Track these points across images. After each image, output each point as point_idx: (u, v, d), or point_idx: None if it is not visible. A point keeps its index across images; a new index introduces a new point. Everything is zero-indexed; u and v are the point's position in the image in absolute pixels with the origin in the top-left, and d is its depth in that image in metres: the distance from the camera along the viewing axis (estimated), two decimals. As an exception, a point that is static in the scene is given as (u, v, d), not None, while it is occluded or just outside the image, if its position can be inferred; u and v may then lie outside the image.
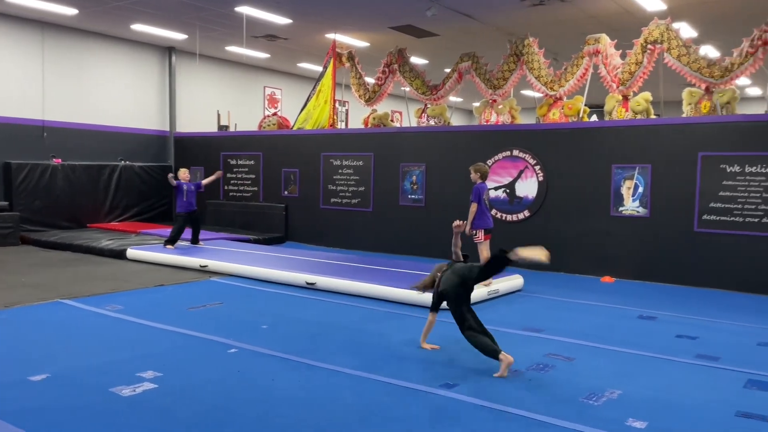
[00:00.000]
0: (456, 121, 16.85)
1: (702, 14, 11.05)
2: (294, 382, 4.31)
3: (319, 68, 13.82)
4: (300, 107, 13.65)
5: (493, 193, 10.10)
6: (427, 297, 6.80)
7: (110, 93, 13.94)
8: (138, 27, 12.89)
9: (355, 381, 4.37)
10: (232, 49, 14.80)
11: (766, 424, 3.74)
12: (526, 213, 9.82)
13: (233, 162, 13.56)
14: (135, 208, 13.89)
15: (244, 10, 11.32)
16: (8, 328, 5.63)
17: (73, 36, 13.15)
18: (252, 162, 13.25)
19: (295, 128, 13.11)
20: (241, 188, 13.44)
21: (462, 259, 5.28)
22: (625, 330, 6.06)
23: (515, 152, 9.92)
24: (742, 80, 12.31)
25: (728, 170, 8.20)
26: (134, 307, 6.54)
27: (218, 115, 14.78)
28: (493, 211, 10.08)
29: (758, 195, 8.00)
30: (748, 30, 8.70)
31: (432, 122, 11.71)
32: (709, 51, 13.23)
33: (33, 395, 3.97)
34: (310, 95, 13.17)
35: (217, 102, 15.87)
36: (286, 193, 12.75)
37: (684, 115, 9.28)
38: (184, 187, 10.10)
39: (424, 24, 12.09)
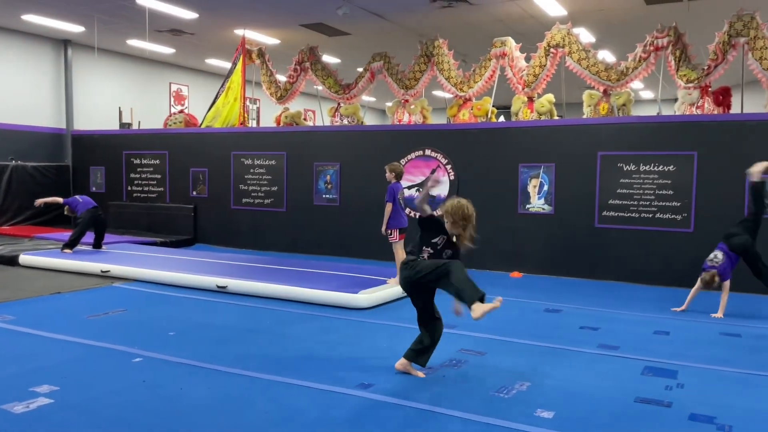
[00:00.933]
0: (369, 120, 16.91)
1: (599, 21, 11.65)
2: (204, 390, 4.15)
3: (228, 64, 13.45)
4: (208, 105, 13.23)
5: (407, 192, 10.19)
6: (345, 300, 6.78)
7: (-2, 87, 12.95)
8: (30, 18, 12.03)
9: (270, 386, 4.26)
10: (135, 43, 14.12)
11: (662, 408, 3.97)
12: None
13: (137, 161, 12.95)
14: (28, 211, 12.95)
15: (146, 2, 10.82)
16: None
17: (-46, 25, 12.11)
18: (157, 161, 12.70)
19: (203, 126, 12.69)
20: (146, 189, 12.85)
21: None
22: (533, 323, 6.28)
23: (428, 152, 10.06)
24: (636, 84, 13.08)
25: (625, 169, 8.69)
26: (28, 317, 6.08)
27: (120, 112, 14.07)
28: (407, 210, 10.19)
29: (652, 192, 8.53)
30: (641, 36, 9.24)
31: (345, 121, 11.68)
32: (607, 56, 13.98)
33: None
34: (219, 92, 12.79)
35: (118, 98, 15.09)
36: (194, 193, 12.32)
37: (584, 117, 9.75)
38: None
39: (335, 22, 12.04)
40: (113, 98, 15.09)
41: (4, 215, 12.57)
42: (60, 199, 10.01)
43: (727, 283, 6.62)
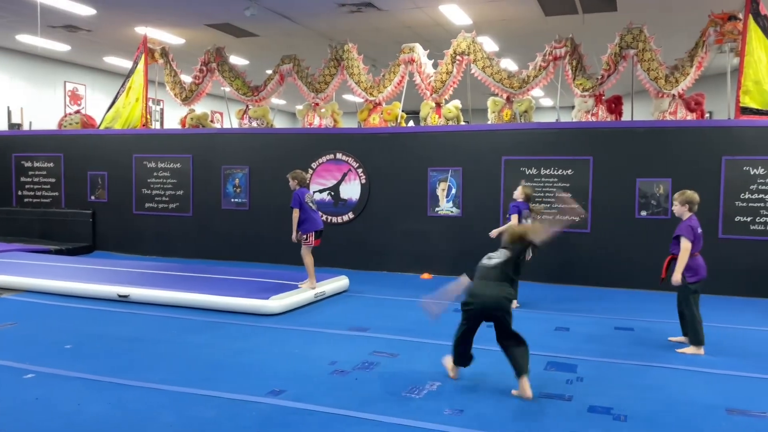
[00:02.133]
0: (279, 123, 16.71)
1: (502, 30, 12.13)
2: (105, 405, 3.94)
3: (129, 63, 12.87)
4: (108, 105, 12.59)
5: (318, 196, 10.16)
6: (256, 306, 6.65)
7: None
8: None
9: (176, 397, 4.11)
10: (25, 38, 13.21)
11: (563, 402, 4.17)
12: (351, 215, 10.02)
13: (28, 164, 12.11)
14: None
15: (37, -5, 10.19)
16: None
17: None
18: (51, 164, 11.94)
19: (102, 128, 12.06)
20: (39, 193, 12.04)
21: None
22: (443, 323, 6.39)
23: (339, 155, 10.07)
24: (537, 91, 13.70)
25: (527, 173, 9.07)
26: None
27: (8, 112, 13.12)
28: (319, 213, 10.14)
29: (552, 195, 8.95)
30: (541, 46, 9.69)
31: (254, 124, 11.46)
32: (509, 64, 14.57)
33: None
34: (119, 92, 12.19)
35: (7, 97, 14.07)
36: (93, 198, 11.68)
37: (489, 122, 10.09)
38: None
39: (243, 23, 11.82)
40: (1, 97, 14.04)
41: None
42: None
43: None
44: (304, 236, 7.34)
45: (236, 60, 14.61)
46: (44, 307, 6.86)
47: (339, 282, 8.03)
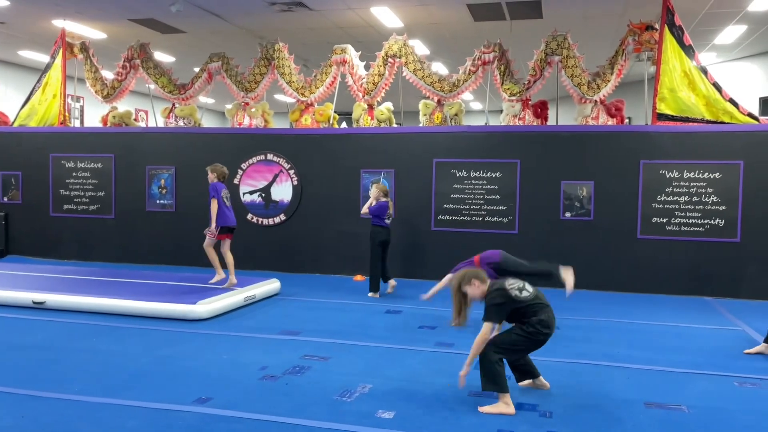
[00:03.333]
0: (208, 122, 16.29)
1: (433, 34, 12.27)
2: (15, 419, 3.70)
3: (46, 58, 12.21)
4: (22, 101, 11.90)
5: (248, 198, 9.97)
6: (183, 311, 6.44)
7: None
8: None
9: (94, 409, 3.91)
10: (-71, 28, 12.36)
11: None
12: (282, 217, 9.87)
13: (-67, 163, 11.29)
14: None
15: (-57, -18, 9.51)
16: None
17: None
18: (-41, 163, 11.17)
19: (15, 125, 11.39)
20: (-55, 195, 11.25)
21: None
22: (375, 325, 6.42)
23: (270, 156, 9.91)
24: (467, 95, 13.96)
25: (457, 175, 9.21)
26: None
27: None
28: (249, 216, 9.96)
29: (481, 196, 9.12)
30: (470, 51, 9.87)
31: (181, 123, 11.11)
32: (440, 68, 14.77)
33: None
34: (34, 88, 11.54)
35: None
36: (5, 199, 11.01)
37: (421, 125, 10.18)
38: None
39: (168, 19, 11.45)
40: None
41: None
42: None
43: None
44: (211, 228, 7.21)
45: (162, 57, 14.14)
46: (-51, 317, 6.40)
47: (270, 285, 7.90)
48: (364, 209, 8.06)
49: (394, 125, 10.35)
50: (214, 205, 7.17)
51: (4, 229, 10.90)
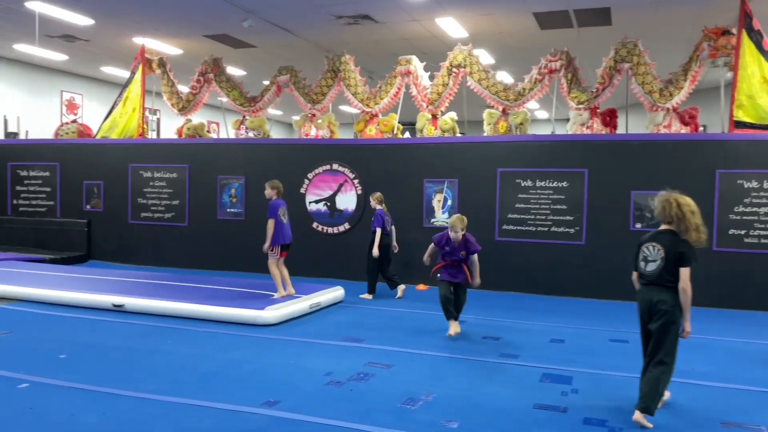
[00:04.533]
0: (276, 133, 16.74)
1: (498, 43, 12.21)
2: (98, 416, 3.92)
3: (126, 73, 12.89)
4: (104, 114, 12.61)
5: (314, 207, 10.17)
6: (251, 316, 6.64)
7: None
8: None
9: (170, 408, 4.09)
10: (22, 47, 13.25)
11: (559, 414, 4.17)
12: (347, 225, 10.02)
13: (24, 173, 12.09)
14: None
15: (35, 6, 10.20)
16: None
17: None
18: (47, 173, 11.92)
19: (98, 137, 12.07)
20: (34, 202, 12.01)
21: None
22: (438, 335, 6.42)
23: (335, 166, 10.09)
24: (532, 104, 13.78)
25: (522, 184, 9.11)
26: None
27: (5, 121, 13.12)
28: (315, 224, 10.15)
29: (547, 206, 8.98)
30: (536, 59, 9.76)
31: (251, 134, 11.49)
32: (505, 77, 14.67)
33: None
34: (116, 102, 12.22)
35: (3, 106, 14.08)
36: (88, 207, 11.66)
37: (485, 134, 10.14)
38: None
39: (240, 34, 11.87)
40: (-3, 105, 14.08)
41: None
42: None
43: None
44: (271, 248, 7.38)
45: (233, 71, 14.65)
46: (39, 317, 6.83)
47: (334, 293, 8.03)
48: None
49: (458, 135, 10.35)
50: (271, 225, 7.32)
51: (87, 235, 11.53)
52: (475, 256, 6.37)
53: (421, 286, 9.41)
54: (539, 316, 7.45)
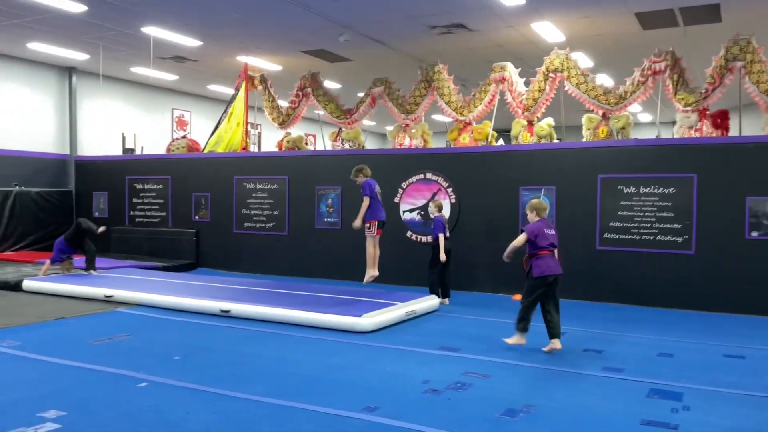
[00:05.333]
0: (370, 144, 17.04)
1: (597, 45, 11.83)
2: (210, 415, 4.15)
3: (231, 91, 13.59)
4: (211, 130, 13.35)
5: (408, 215, 10.26)
6: (349, 323, 6.79)
7: (3, 115, 13.09)
8: (35, 46, 12.22)
9: (274, 410, 4.26)
10: (138, 70, 14.31)
11: (668, 431, 3.97)
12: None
13: (140, 186, 13.03)
14: (31, 237, 12.99)
15: (150, 31, 11.00)
16: None
17: (-40, 53, 12.29)
18: (160, 186, 12.78)
19: (205, 151, 12.80)
20: (149, 213, 12.90)
21: None
22: (537, 345, 6.27)
23: (428, 175, 10.14)
24: (635, 107, 13.20)
25: (625, 191, 8.75)
26: (33, 342, 6.09)
27: (123, 138, 14.18)
28: (408, 233, 10.24)
29: (652, 214, 8.58)
30: (638, 60, 9.38)
31: (347, 145, 11.78)
32: (605, 80, 14.16)
33: None
34: (221, 118, 12.92)
35: (122, 124, 15.25)
36: (197, 218, 12.38)
37: (584, 140, 9.84)
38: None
39: (336, 49, 12.21)
40: (117, 124, 15.24)
41: (7, 241, 12.60)
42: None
43: None
44: (367, 224, 7.43)
45: (330, 84, 15.07)
46: (154, 320, 7.32)
47: (429, 302, 8.05)
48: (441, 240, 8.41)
49: (555, 141, 10.11)
50: (366, 203, 7.40)
51: (195, 244, 12.23)
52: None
53: (517, 296, 9.22)
54: (645, 329, 7.11)
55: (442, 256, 8.35)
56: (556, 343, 5.94)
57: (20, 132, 13.39)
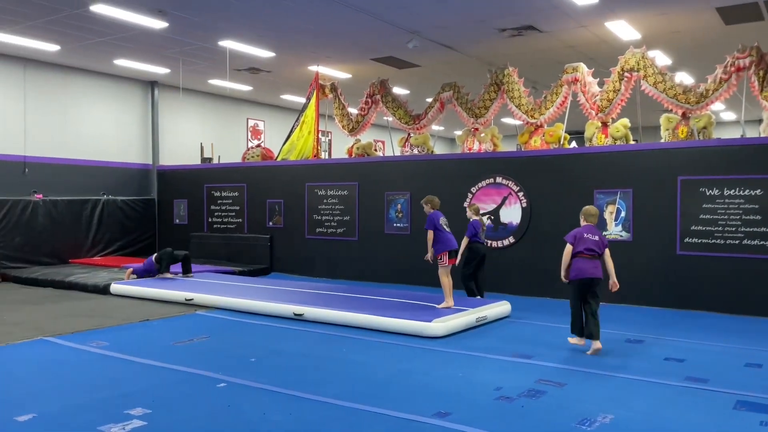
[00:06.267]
0: (439, 149, 17.01)
1: (675, 43, 11.37)
2: (285, 416, 4.26)
3: (302, 100, 13.93)
4: (283, 138, 13.71)
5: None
6: (419, 328, 6.80)
7: (93, 127, 13.92)
8: (121, 62, 12.93)
9: (346, 413, 4.33)
10: (215, 82, 14.89)
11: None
12: (511, 239, 9.89)
13: (217, 194, 13.53)
14: (118, 243, 13.75)
15: (227, 44, 11.43)
16: (-10, 367, 5.52)
17: (55, 72, 13.15)
18: (236, 193, 13.23)
19: (279, 159, 13.15)
20: (225, 220, 13.38)
21: None
22: (614, 353, 6.09)
23: (498, 179, 10.03)
24: (717, 105, 12.60)
25: (708, 193, 8.36)
26: (119, 342, 6.44)
27: (201, 148, 14.78)
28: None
29: (738, 217, 8.15)
30: (720, 57, 8.96)
31: (415, 151, 11.82)
32: (684, 78, 13.59)
33: (18, 436, 3.88)
34: (293, 126, 13.24)
35: (200, 134, 15.89)
36: (270, 223, 12.72)
37: (662, 140, 9.47)
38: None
39: (405, 55, 12.29)
40: (195, 134, 15.91)
41: (95, 247, 13.36)
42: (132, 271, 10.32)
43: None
44: (439, 257, 7.51)
45: (398, 90, 15.18)
46: (231, 323, 7.58)
47: (501, 307, 7.95)
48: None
49: (631, 142, 9.78)
50: (430, 236, 7.57)
51: (270, 249, 12.58)
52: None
53: (593, 303, 8.96)
54: (730, 337, 6.76)
55: (458, 259, 8.11)
56: (597, 344, 6.04)
57: (108, 144, 14.20)
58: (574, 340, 6.31)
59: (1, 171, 12.18)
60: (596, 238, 6.21)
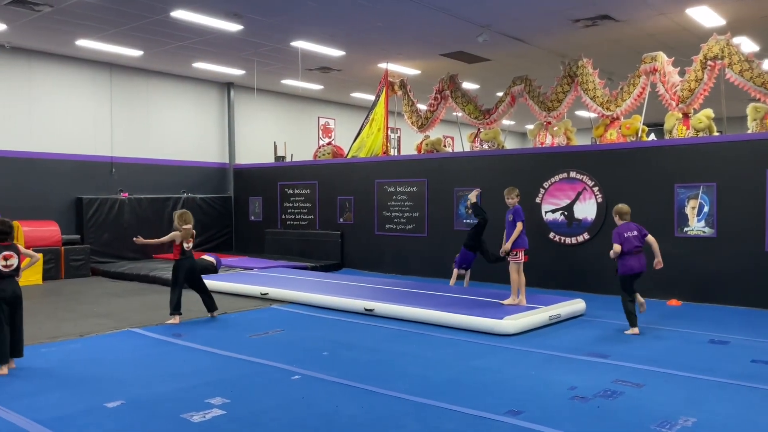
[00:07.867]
0: (509, 144, 16.77)
1: (763, 28, 10.71)
2: (357, 409, 4.33)
3: (372, 97, 14.04)
4: (353, 136, 13.88)
5: (551, 216, 9.97)
6: (490, 325, 6.74)
7: (173, 129, 14.55)
8: (199, 65, 13.45)
9: (418, 407, 4.35)
10: (288, 82, 15.23)
11: None
12: (586, 235, 9.62)
13: (290, 191, 13.86)
14: (197, 238, 14.27)
15: (299, 44, 11.66)
16: (83, 356, 5.88)
17: (138, 76, 13.83)
18: (308, 191, 13.51)
19: (349, 156, 13.32)
20: (298, 217, 13.69)
21: None
22: (696, 355, 5.84)
23: (572, 174, 9.77)
24: (811, 93, 11.79)
25: (800, 187, 7.85)
26: (199, 335, 6.73)
27: (275, 146, 15.18)
28: (551, 234, 9.94)
29: (835, 212, 7.61)
30: (815, 41, 8.39)
31: (485, 146, 11.69)
32: (774, 64, 12.79)
33: (109, 421, 4.13)
34: (363, 124, 13.38)
35: (273, 133, 16.31)
36: (341, 220, 12.91)
37: (749, 131, 8.97)
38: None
39: (475, 50, 12.16)
40: (269, 133, 16.35)
41: (176, 242, 13.96)
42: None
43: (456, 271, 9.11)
44: (515, 252, 7.43)
45: (468, 85, 15.04)
46: (304, 317, 7.77)
47: (575, 305, 7.77)
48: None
49: (715, 134, 9.31)
50: (519, 228, 7.40)
51: (341, 246, 12.78)
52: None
53: (674, 302, 8.63)
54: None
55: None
56: (635, 330, 6.70)
57: (187, 144, 14.81)
58: (630, 331, 6.70)
59: (91, 171, 12.93)
60: (635, 233, 6.73)
